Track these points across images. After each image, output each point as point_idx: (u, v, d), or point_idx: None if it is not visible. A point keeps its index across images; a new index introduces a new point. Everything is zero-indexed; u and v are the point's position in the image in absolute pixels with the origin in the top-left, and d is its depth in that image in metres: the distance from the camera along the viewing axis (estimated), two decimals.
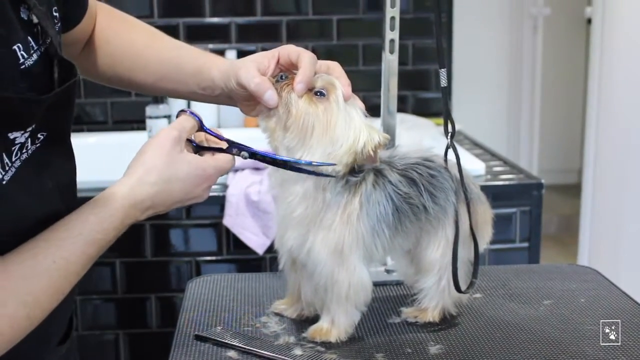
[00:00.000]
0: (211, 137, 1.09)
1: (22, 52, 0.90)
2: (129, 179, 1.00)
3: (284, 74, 1.11)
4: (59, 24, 1.01)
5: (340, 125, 1.09)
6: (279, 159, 1.09)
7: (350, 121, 1.09)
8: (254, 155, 1.09)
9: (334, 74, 1.13)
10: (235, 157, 1.09)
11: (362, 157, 1.09)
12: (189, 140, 1.07)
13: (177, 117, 1.07)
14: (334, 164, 1.09)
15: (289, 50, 1.12)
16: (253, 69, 1.09)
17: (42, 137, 0.94)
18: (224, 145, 1.08)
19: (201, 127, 1.08)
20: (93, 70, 1.23)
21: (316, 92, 1.10)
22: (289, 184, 1.12)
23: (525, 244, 2.42)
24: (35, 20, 0.94)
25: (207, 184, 1.05)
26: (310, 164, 1.09)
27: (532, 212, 2.41)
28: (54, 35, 0.97)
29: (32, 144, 0.93)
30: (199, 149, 1.07)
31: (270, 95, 1.07)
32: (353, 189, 1.12)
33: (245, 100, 1.15)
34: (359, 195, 1.12)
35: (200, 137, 1.09)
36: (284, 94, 1.09)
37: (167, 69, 1.21)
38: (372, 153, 1.09)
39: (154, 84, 1.23)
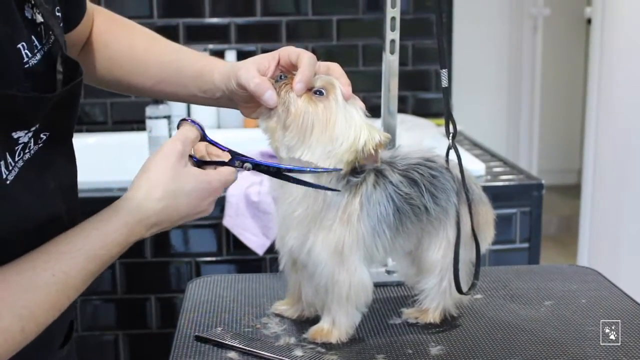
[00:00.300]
0: (212, 148, 1.08)
1: (26, 51, 0.90)
2: (135, 194, 0.98)
3: (283, 74, 1.11)
4: (62, 24, 1.01)
5: (340, 124, 1.09)
6: (283, 167, 1.09)
7: (350, 119, 1.09)
8: (257, 166, 1.08)
9: (334, 75, 1.13)
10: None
11: (363, 156, 1.09)
12: (190, 156, 1.05)
13: (178, 126, 1.06)
14: (340, 169, 1.09)
15: (289, 52, 1.12)
16: (253, 69, 1.09)
17: (44, 137, 0.94)
18: (226, 157, 1.07)
19: (203, 137, 1.07)
20: (91, 74, 1.23)
21: (315, 91, 1.10)
22: (289, 184, 1.12)
23: (526, 245, 2.42)
24: (39, 19, 0.93)
25: (213, 197, 1.04)
26: (316, 171, 1.08)
27: (532, 213, 2.41)
28: (60, 34, 0.96)
29: (34, 144, 0.92)
30: (200, 164, 1.05)
31: (269, 95, 1.07)
32: (354, 190, 1.12)
33: (246, 102, 1.14)
34: (360, 196, 1.12)
35: (202, 148, 1.07)
36: (283, 93, 1.09)
37: (167, 73, 1.21)
38: (373, 152, 1.09)
39: (152, 88, 1.22)
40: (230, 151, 1.07)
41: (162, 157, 1.00)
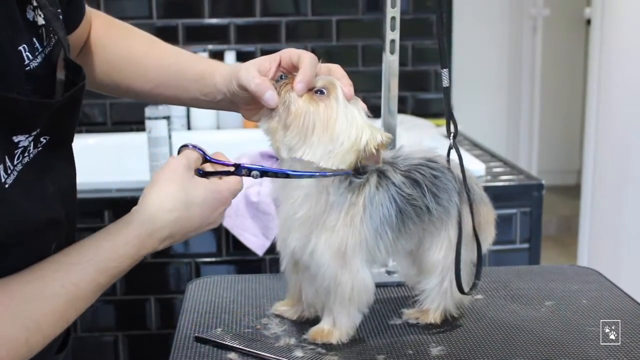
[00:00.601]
0: (217, 167, 1.07)
1: (27, 54, 0.89)
2: (146, 206, 0.97)
3: (284, 74, 1.11)
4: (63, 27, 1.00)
5: (341, 123, 1.08)
6: (292, 173, 1.08)
7: (352, 119, 1.09)
8: (265, 173, 1.07)
9: (336, 76, 1.12)
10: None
11: (365, 156, 1.09)
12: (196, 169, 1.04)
13: (179, 152, 1.05)
14: (349, 172, 1.09)
15: (290, 53, 1.12)
16: (253, 70, 1.09)
17: (44, 140, 0.93)
18: (231, 169, 1.06)
19: (206, 160, 1.06)
20: (89, 78, 1.21)
21: (316, 91, 1.09)
22: (291, 185, 1.12)
23: (526, 245, 2.42)
24: (40, 21, 0.93)
25: (223, 207, 1.03)
26: (325, 175, 1.08)
27: (533, 213, 2.40)
28: (63, 37, 0.96)
29: (34, 147, 0.91)
30: (205, 175, 1.04)
31: (270, 94, 1.07)
32: (357, 191, 1.12)
33: (247, 104, 1.14)
34: (363, 197, 1.12)
35: (207, 167, 1.06)
36: (283, 93, 1.08)
37: (167, 76, 1.20)
38: (374, 152, 1.09)
39: (152, 91, 1.22)
40: (235, 165, 1.06)
41: (169, 170, 1.00)
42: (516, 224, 2.39)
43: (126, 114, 3.18)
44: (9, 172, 0.86)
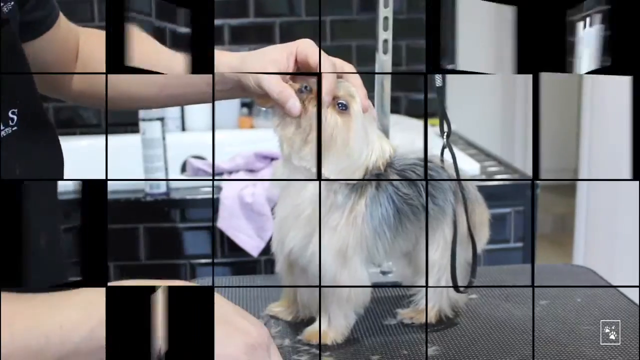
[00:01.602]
0: None
1: None
2: None
3: (307, 85, 1.10)
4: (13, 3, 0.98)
5: (356, 141, 1.09)
6: None
7: (364, 137, 1.10)
8: None
9: (351, 81, 1.12)
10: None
11: (372, 171, 1.10)
12: None
13: None
14: None
15: (307, 54, 1.11)
16: (275, 75, 1.08)
17: (14, 117, 0.93)
18: None
19: None
20: (95, 96, 1.22)
21: (338, 104, 1.09)
22: (297, 186, 1.12)
23: (520, 244, 2.42)
24: None
25: (238, 335, 0.84)
26: None
27: (527, 212, 2.41)
28: None
29: (5, 125, 0.91)
30: None
31: (292, 104, 1.06)
32: (359, 191, 1.12)
33: (260, 95, 1.13)
34: (365, 197, 1.12)
35: None
36: (311, 108, 1.08)
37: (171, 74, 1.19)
38: (382, 168, 1.10)
39: (160, 94, 1.21)
40: None
41: None
42: (510, 222, 2.39)
43: (120, 115, 3.17)
44: None
